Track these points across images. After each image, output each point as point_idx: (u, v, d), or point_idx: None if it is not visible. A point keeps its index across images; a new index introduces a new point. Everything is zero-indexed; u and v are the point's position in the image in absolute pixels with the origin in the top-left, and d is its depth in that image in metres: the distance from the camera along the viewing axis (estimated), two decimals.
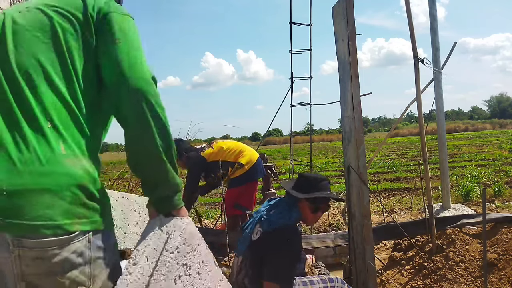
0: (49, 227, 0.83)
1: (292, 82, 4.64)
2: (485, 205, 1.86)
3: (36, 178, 0.84)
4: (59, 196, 0.85)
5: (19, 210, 0.81)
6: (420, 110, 3.02)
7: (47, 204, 0.83)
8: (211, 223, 5.54)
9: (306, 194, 2.16)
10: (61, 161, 0.88)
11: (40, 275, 0.85)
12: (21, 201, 0.81)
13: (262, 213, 2.24)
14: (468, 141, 22.31)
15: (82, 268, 0.90)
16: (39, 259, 0.83)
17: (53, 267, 0.85)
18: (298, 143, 34.77)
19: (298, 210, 2.17)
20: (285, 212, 2.17)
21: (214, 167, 3.68)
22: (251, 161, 3.79)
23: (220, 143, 3.84)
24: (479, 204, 5.95)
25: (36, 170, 0.84)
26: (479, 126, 48.16)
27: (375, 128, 68.83)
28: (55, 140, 0.89)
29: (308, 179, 2.25)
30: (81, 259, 0.89)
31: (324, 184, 2.23)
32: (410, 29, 2.87)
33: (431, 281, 2.73)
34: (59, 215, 0.84)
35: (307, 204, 2.17)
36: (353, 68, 2.65)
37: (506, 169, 9.36)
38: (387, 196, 7.90)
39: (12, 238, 0.81)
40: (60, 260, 0.86)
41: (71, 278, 0.88)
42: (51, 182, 0.85)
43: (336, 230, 4.92)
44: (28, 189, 0.82)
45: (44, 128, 0.88)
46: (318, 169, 12.87)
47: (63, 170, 0.87)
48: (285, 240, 2.03)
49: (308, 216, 2.21)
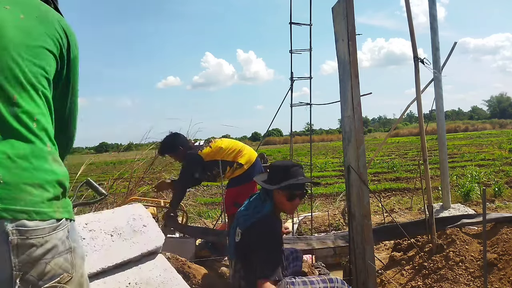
0: (38, 212, 0.93)
1: (292, 82, 4.63)
2: (485, 205, 1.86)
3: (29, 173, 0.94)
4: (45, 189, 0.96)
5: (15, 199, 0.90)
6: (420, 110, 3.02)
7: (36, 194, 0.94)
8: (211, 223, 5.55)
9: (278, 184, 2.13)
10: (48, 158, 0.99)
11: (33, 263, 0.92)
12: (16, 192, 0.91)
13: (240, 213, 2.25)
14: (468, 141, 22.31)
15: (66, 255, 0.99)
16: (34, 246, 0.91)
17: (44, 254, 0.93)
18: (298, 143, 34.79)
19: (271, 201, 2.15)
20: (259, 207, 2.16)
21: (211, 166, 3.67)
22: (250, 161, 3.79)
23: (218, 143, 3.81)
24: (479, 204, 5.95)
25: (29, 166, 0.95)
26: (479, 126, 48.16)
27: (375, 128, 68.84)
28: (42, 138, 1.00)
29: (278, 168, 2.22)
30: (64, 247, 0.98)
31: (295, 170, 2.19)
32: (410, 29, 2.87)
33: (431, 281, 2.73)
34: (44, 205, 0.95)
35: (282, 194, 2.15)
36: (353, 68, 2.65)
37: (506, 169, 9.37)
38: (387, 196, 7.91)
39: (12, 228, 0.88)
40: (51, 247, 0.95)
41: (58, 265, 0.96)
42: (41, 177, 0.96)
43: (336, 230, 4.92)
44: (22, 182, 0.92)
45: (32, 128, 0.98)
46: (318, 169, 12.87)
47: (49, 167, 0.99)
48: (260, 233, 2.02)
49: (285, 205, 2.18)
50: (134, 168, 5.91)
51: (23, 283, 0.90)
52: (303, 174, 2.24)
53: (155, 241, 1.82)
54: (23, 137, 0.95)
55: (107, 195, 2.47)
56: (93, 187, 2.37)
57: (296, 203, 2.21)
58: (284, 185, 2.12)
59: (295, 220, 5.06)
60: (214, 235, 3.76)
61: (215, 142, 3.83)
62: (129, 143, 8.06)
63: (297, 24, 4.49)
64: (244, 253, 2.11)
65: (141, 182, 5.80)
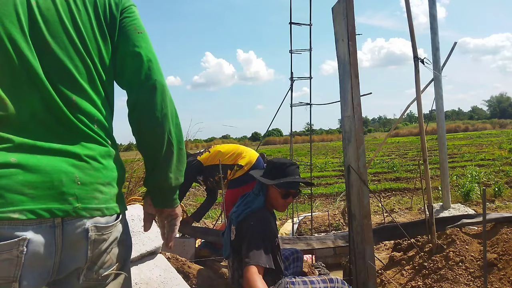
0: (108, 208, 1.00)
1: (292, 82, 4.63)
2: (485, 205, 1.86)
3: (100, 173, 1.00)
4: (113, 185, 1.03)
5: (90, 198, 0.96)
6: (420, 110, 3.02)
7: (107, 192, 1.00)
8: (211, 223, 5.55)
9: (275, 180, 2.15)
10: (112, 156, 1.05)
11: (101, 254, 0.99)
12: (91, 191, 0.96)
13: (232, 213, 2.24)
14: (468, 141, 22.32)
15: (120, 245, 1.05)
16: (105, 240, 0.99)
17: (109, 246, 1.01)
18: (298, 143, 34.80)
19: (263, 196, 2.16)
20: (251, 202, 2.17)
21: (212, 171, 3.68)
22: (250, 162, 3.80)
23: (218, 147, 3.82)
24: (479, 204, 5.95)
25: (99, 166, 1.00)
26: (479, 126, 48.18)
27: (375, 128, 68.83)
28: (104, 137, 1.04)
29: (276, 164, 2.24)
30: (121, 237, 1.05)
31: (293, 169, 2.22)
32: (410, 29, 2.87)
33: (431, 281, 2.73)
34: (112, 201, 1.02)
35: (277, 190, 2.16)
36: (353, 68, 2.65)
37: (506, 169, 9.37)
38: (387, 196, 7.90)
39: (90, 225, 0.94)
40: (113, 239, 1.02)
41: (115, 254, 1.03)
42: (109, 175, 1.02)
43: (336, 230, 4.92)
44: (96, 181, 0.98)
45: (94, 128, 1.02)
46: (318, 169, 12.87)
47: (113, 165, 1.04)
48: (251, 224, 2.02)
49: (278, 201, 2.19)
50: (134, 168, 5.91)
51: (88, 271, 0.99)
52: (299, 174, 2.27)
53: (154, 242, 1.82)
54: (89, 138, 1.00)
55: None
56: None
57: (288, 202, 2.23)
58: (282, 182, 2.14)
59: (295, 220, 5.06)
60: (214, 235, 3.76)
61: (214, 147, 3.84)
62: (129, 143, 8.04)
63: (297, 24, 4.49)
64: (237, 250, 2.11)
65: (141, 182, 5.80)
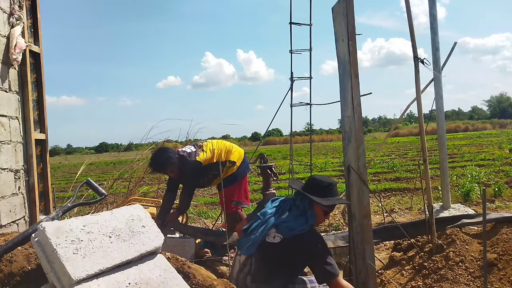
0: None
1: (292, 82, 4.64)
2: (485, 205, 1.86)
3: None
4: None
5: None
6: (420, 110, 3.02)
7: None
8: (211, 223, 5.55)
9: (323, 198, 2.26)
10: None
11: None
12: None
13: (272, 216, 2.27)
14: (468, 141, 22.30)
15: None
16: None
17: None
18: (298, 143, 34.75)
19: (313, 214, 2.26)
20: (300, 217, 2.23)
21: (207, 169, 3.70)
22: (240, 157, 3.86)
23: (209, 145, 3.79)
24: (479, 204, 5.95)
25: None
26: (479, 126, 48.10)
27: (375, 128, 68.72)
28: None
29: (323, 183, 2.33)
30: None
31: (336, 189, 2.36)
32: (410, 29, 2.87)
33: (431, 281, 2.73)
34: None
35: (322, 208, 2.28)
36: (353, 68, 2.65)
37: (506, 169, 9.36)
38: (387, 196, 7.90)
39: None
40: None
41: None
42: None
43: (336, 230, 4.92)
44: None
45: None
46: (318, 169, 12.87)
47: None
48: (313, 244, 2.19)
49: (320, 218, 2.33)
50: (134, 168, 5.91)
51: None
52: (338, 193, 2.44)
53: (154, 241, 1.82)
54: None
55: (107, 195, 2.47)
56: (93, 187, 2.37)
57: (326, 218, 2.52)
58: (332, 204, 2.33)
59: None
60: (214, 235, 3.76)
61: (206, 145, 3.80)
62: (129, 143, 8.05)
63: (297, 24, 4.50)
64: (273, 254, 2.16)
65: (141, 182, 5.81)
